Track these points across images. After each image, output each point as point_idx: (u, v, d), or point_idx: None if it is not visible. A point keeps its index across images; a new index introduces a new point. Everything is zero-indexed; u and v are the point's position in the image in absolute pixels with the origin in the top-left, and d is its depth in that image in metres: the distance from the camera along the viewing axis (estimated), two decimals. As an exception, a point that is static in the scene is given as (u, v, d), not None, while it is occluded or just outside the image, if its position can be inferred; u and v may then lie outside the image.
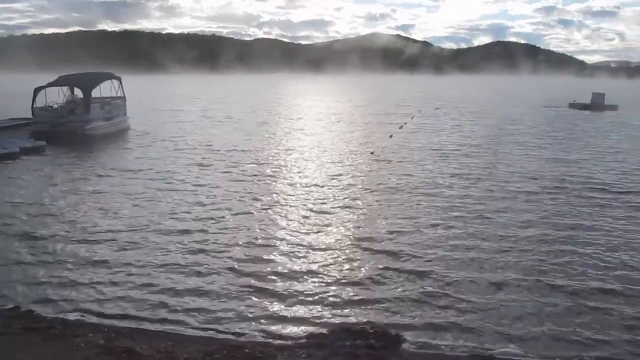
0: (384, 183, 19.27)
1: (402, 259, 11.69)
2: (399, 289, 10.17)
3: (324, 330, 8.53)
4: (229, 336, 8.43)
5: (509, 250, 12.18)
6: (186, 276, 10.83)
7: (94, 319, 8.96)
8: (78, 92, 34.53)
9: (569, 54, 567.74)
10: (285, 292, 10.11)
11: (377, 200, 16.87)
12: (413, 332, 8.56)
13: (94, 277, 10.73)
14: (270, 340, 8.30)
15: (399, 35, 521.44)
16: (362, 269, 11.22)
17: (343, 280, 10.64)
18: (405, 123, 42.31)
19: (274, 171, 21.89)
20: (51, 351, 7.37)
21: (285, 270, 11.17)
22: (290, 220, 14.80)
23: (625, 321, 8.92)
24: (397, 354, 7.80)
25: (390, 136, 34.09)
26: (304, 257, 11.94)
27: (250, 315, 9.19)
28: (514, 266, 11.20)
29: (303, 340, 8.20)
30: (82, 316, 9.08)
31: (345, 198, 17.27)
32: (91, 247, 12.41)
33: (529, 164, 23.60)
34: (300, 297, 9.91)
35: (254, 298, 9.87)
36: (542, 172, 21.37)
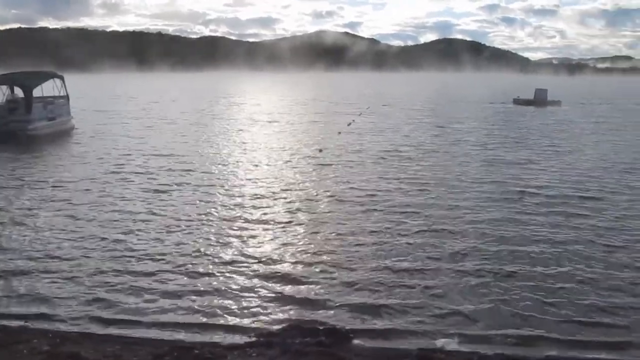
0: (329, 187, 18.86)
1: (350, 263, 11.67)
2: (347, 290, 10.21)
3: (274, 329, 8.52)
4: (178, 337, 8.33)
5: (450, 257, 12.10)
6: (132, 279, 10.64)
7: (38, 325, 8.72)
8: (18, 92, 33.49)
9: (513, 51, 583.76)
10: (234, 293, 10.06)
11: (323, 206, 16.59)
12: (362, 328, 8.64)
13: (36, 285, 10.42)
14: (220, 340, 8.25)
15: (346, 33, 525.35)
16: (311, 270, 11.23)
17: (292, 281, 10.63)
18: (354, 120, 42.48)
19: (217, 177, 21.04)
20: (-8, 360, 7.16)
21: (233, 272, 11.09)
22: (234, 223, 14.57)
23: (562, 319, 9.16)
24: (347, 350, 7.84)
25: (339, 133, 34.22)
26: (252, 260, 11.85)
27: (199, 316, 9.11)
28: (455, 271, 11.22)
29: (253, 339, 8.16)
30: (26, 322, 8.82)
31: (291, 202, 17.10)
32: (31, 257, 12.00)
33: (476, 167, 22.87)
34: (249, 298, 9.87)
35: (202, 299, 9.78)
36: (490, 177, 20.62)
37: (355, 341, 8.17)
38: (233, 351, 7.70)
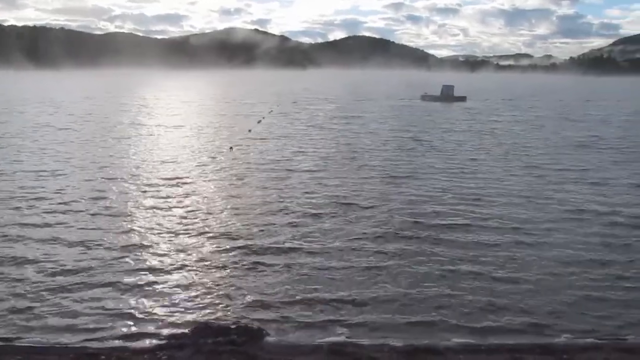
0: (233, 192, 18.52)
1: (258, 264, 11.71)
2: (258, 289, 10.24)
3: (186, 330, 8.39)
4: (85, 344, 8.06)
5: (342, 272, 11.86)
6: (35, 288, 10.23)
7: None
8: None
9: (421, 49, 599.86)
10: (142, 297, 9.86)
11: (226, 209, 16.45)
12: (274, 326, 8.69)
13: None
14: (129, 344, 8.04)
15: (256, 30, 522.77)
16: (219, 272, 11.20)
17: (200, 284, 10.53)
18: (264, 118, 42.43)
19: (117, 177, 20.34)
20: None
21: (139, 278, 10.80)
22: (136, 232, 14.12)
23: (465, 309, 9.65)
24: (259, 348, 7.86)
25: (249, 131, 34.12)
26: (156, 264, 11.61)
27: (106, 321, 8.85)
28: (361, 268, 11.54)
29: (164, 342, 8.02)
30: None
31: (192, 209, 16.76)
32: None
33: (373, 186, 19.65)
34: (157, 301, 9.70)
35: (109, 303, 9.53)
36: (385, 198, 17.79)
37: (268, 338, 8.19)
38: (142, 355, 7.56)
